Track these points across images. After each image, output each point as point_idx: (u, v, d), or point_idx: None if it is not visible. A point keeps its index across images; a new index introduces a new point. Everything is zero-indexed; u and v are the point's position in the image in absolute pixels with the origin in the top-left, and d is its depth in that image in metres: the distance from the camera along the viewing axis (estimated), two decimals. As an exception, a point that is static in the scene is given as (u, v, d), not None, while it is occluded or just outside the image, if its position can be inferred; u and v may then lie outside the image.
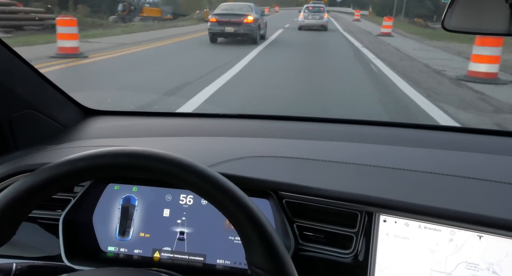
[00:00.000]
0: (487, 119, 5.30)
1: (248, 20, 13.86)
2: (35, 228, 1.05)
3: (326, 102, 6.11)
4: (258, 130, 1.34)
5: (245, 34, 13.86)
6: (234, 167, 1.01)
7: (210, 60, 10.09)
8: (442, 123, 4.72)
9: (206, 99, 5.89)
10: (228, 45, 13.67)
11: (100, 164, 0.65)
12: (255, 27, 14.03)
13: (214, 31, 13.95)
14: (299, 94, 6.62)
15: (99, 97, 5.68)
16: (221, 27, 13.77)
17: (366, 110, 5.60)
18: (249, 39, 13.95)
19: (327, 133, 1.32)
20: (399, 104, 6.21)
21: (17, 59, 1.14)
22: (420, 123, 1.40)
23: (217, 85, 6.80)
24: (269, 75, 8.34)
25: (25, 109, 1.19)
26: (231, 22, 13.71)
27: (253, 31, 13.94)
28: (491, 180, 0.94)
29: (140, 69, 8.51)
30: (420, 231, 0.84)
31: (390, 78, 8.07)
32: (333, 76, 8.52)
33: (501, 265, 0.78)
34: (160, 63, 9.37)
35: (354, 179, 0.96)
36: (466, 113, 5.60)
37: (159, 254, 1.00)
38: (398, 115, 5.54)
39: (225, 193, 0.64)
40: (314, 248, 0.93)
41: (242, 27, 13.77)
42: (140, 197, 1.03)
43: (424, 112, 5.52)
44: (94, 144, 1.20)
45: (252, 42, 13.89)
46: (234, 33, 13.79)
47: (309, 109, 5.49)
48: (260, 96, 6.34)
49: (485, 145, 1.24)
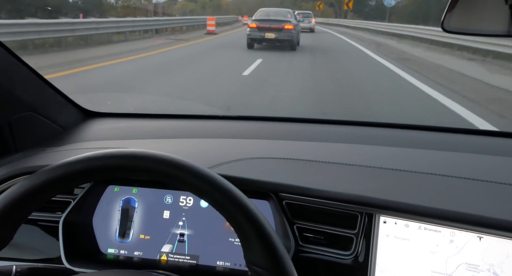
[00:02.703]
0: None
1: (289, 26, 13.36)
2: (35, 230, 1.05)
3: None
4: (258, 132, 1.34)
5: (285, 40, 13.41)
6: (234, 168, 1.01)
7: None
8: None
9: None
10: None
11: (98, 165, 0.65)
12: (295, 33, 13.59)
13: (254, 37, 13.50)
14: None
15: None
16: (261, 33, 13.31)
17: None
18: (288, 46, 13.53)
19: (327, 135, 1.31)
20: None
21: (17, 61, 1.14)
22: (421, 125, 1.40)
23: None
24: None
25: (25, 111, 1.18)
26: (272, 28, 13.24)
27: (294, 38, 13.49)
28: (490, 181, 0.94)
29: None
30: (420, 232, 0.84)
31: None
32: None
33: (501, 267, 0.78)
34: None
35: (354, 180, 0.96)
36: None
37: (160, 256, 1.00)
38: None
39: (223, 192, 0.64)
40: (314, 250, 0.93)
41: (283, 34, 13.30)
42: (140, 198, 1.03)
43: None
44: (94, 146, 1.20)
45: (291, 48, 13.49)
46: (274, 39, 13.32)
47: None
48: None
49: (485, 146, 1.24)
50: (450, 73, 9.43)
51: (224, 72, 8.82)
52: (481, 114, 5.42)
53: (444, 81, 8.10)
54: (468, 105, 5.99)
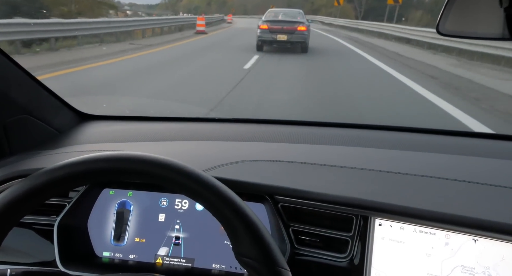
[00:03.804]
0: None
1: (302, 28, 12.67)
2: (30, 233, 1.04)
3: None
4: (253, 135, 1.34)
5: (297, 42, 12.73)
6: (229, 171, 1.01)
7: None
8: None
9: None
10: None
11: (92, 168, 0.65)
12: (307, 35, 12.87)
13: (265, 39, 12.72)
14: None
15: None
16: (273, 35, 12.58)
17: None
18: (299, 48, 12.84)
19: (323, 137, 1.32)
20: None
21: (11, 64, 1.14)
22: (416, 127, 1.40)
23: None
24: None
25: (19, 114, 1.18)
26: (284, 30, 12.55)
27: (306, 40, 12.79)
28: (486, 184, 0.94)
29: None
30: (416, 235, 0.84)
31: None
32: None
33: (497, 269, 0.78)
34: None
35: (349, 182, 0.96)
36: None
37: (156, 259, 1.00)
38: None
39: (208, 187, 0.64)
40: (309, 252, 0.93)
41: (296, 35, 12.61)
42: (135, 201, 1.03)
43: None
44: (89, 148, 1.19)
45: (302, 51, 12.76)
46: (286, 41, 12.64)
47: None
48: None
49: (480, 149, 1.24)
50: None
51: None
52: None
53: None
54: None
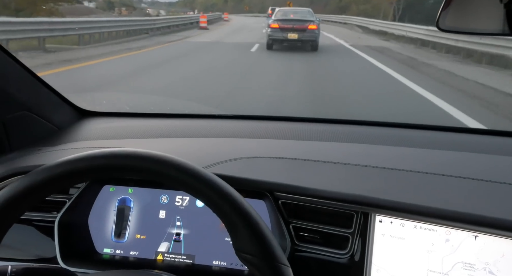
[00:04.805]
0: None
1: (313, 26, 12.72)
2: (31, 230, 1.04)
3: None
4: (254, 131, 1.34)
5: (308, 41, 12.79)
6: (229, 168, 1.01)
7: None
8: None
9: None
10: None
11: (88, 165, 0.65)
12: (318, 34, 12.97)
13: (275, 37, 12.74)
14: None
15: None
16: (284, 33, 12.60)
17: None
18: (309, 46, 12.90)
19: (323, 134, 1.31)
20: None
21: (11, 60, 1.13)
22: (416, 124, 1.40)
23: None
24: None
25: (19, 110, 1.18)
26: (295, 28, 12.58)
27: (317, 38, 12.86)
28: (486, 180, 0.94)
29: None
30: (416, 231, 0.84)
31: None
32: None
33: (497, 265, 0.78)
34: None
35: (349, 179, 0.96)
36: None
37: (156, 256, 1.00)
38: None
39: (207, 183, 0.64)
40: (310, 249, 0.93)
41: (307, 34, 12.67)
42: (135, 198, 1.03)
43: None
44: (89, 145, 1.19)
45: (312, 49, 12.82)
46: (297, 40, 12.70)
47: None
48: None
49: (480, 145, 1.24)
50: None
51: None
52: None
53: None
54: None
